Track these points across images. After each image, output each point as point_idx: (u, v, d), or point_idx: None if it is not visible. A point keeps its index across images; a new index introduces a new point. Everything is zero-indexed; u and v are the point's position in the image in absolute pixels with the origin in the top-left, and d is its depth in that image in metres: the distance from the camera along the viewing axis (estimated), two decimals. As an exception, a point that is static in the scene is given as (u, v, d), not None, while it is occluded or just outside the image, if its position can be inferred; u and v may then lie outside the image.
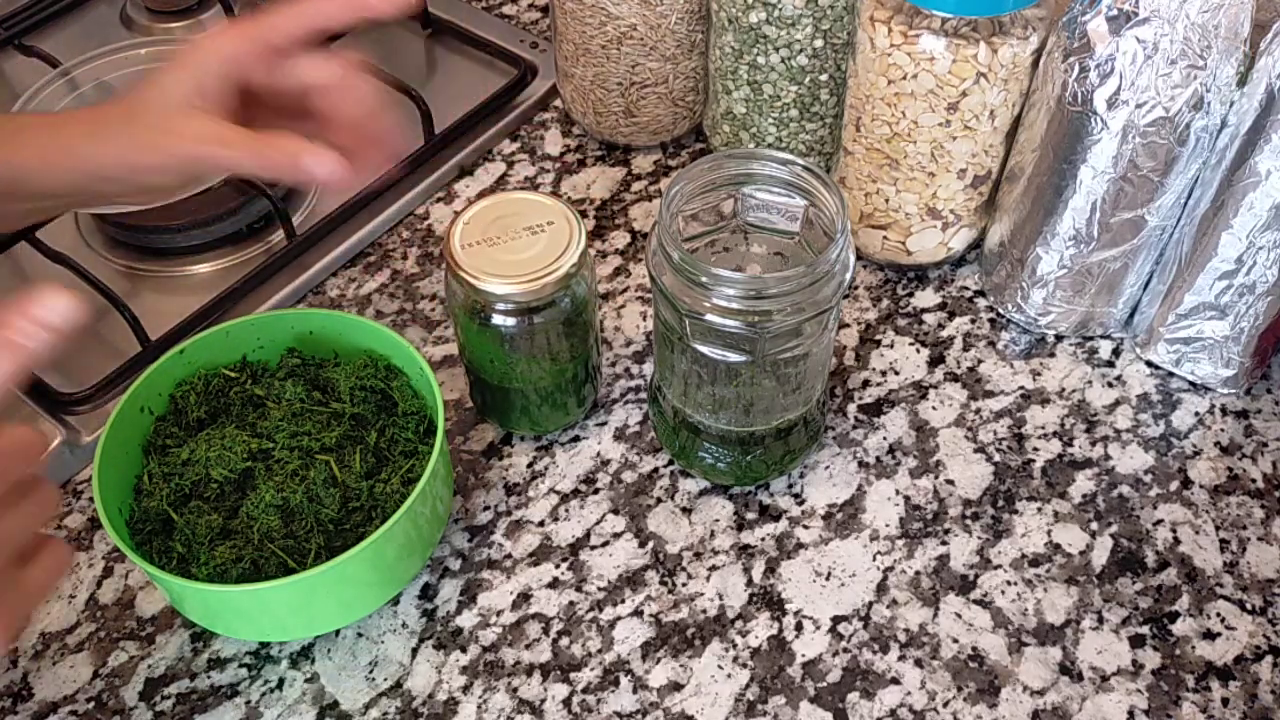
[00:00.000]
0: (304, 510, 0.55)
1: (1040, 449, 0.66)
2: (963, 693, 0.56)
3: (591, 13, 0.74)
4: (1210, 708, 0.56)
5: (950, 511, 0.63)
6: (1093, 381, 0.69)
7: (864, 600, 0.60)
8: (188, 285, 0.74)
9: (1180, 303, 0.65)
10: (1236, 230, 0.60)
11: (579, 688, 0.57)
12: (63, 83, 0.79)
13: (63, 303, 0.39)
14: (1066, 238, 0.65)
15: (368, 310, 0.73)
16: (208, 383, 0.60)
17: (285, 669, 0.58)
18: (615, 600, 0.60)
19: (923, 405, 0.68)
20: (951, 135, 0.65)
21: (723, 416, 0.60)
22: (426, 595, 0.60)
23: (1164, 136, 0.58)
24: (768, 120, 0.74)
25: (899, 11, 0.62)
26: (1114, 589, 0.60)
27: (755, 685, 0.57)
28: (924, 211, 0.70)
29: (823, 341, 0.58)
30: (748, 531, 0.62)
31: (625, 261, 0.76)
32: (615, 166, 0.82)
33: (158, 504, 0.56)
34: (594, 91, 0.79)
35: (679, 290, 0.54)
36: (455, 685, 0.57)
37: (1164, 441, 0.66)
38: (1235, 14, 0.56)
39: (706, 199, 0.58)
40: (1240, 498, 0.64)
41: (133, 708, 0.57)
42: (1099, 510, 0.63)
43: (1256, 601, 0.60)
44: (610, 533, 0.63)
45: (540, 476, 0.65)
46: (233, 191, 0.75)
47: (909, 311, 0.73)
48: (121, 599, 0.61)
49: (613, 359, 0.70)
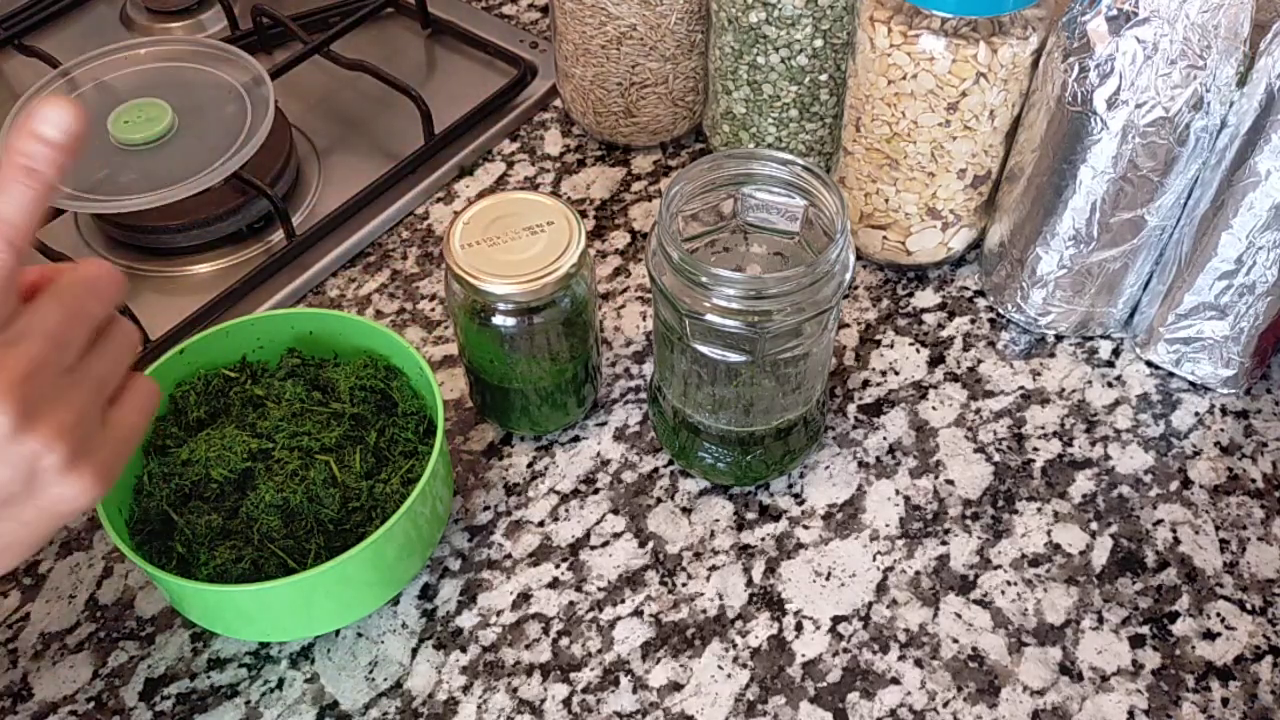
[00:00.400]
0: (304, 510, 0.55)
1: (1040, 449, 0.66)
2: (963, 693, 0.56)
3: (591, 13, 0.74)
4: (1210, 708, 0.56)
5: (950, 511, 0.63)
6: (1093, 381, 0.69)
7: (864, 600, 0.60)
8: (188, 285, 0.74)
9: (1180, 303, 0.65)
10: (1236, 230, 0.60)
11: (579, 688, 0.57)
12: (63, 83, 0.79)
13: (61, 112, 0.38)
14: (1066, 238, 0.65)
15: (368, 310, 0.73)
16: (208, 383, 0.60)
17: (285, 669, 0.58)
18: (615, 600, 0.60)
19: (923, 405, 0.68)
20: (951, 135, 0.65)
21: (723, 416, 0.60)
22: (426, 595, 0.60)
23: (1164, 136, 0.58)
24: (768, 120, 0.74)
25: (899, 11, 0.62)
26: (1114, 589, 0.60)
27: (755, 685, 0.57)
28: (924, 211, 0.70)
29: (823, 341, 0.58)
30: (748, 531, 0.62)
31: (625, 261, 0.76)
32: (615, 166, 0.82)
33: (158, 504, 0.56)
34: (594, 91, 0.79)
35: (679, 290, 0.54)
36: (455, 685, 0.57)
37: (1164, 441, 0.66)
38: (1235, 14, 0.56)
39: (706, 199, 0.58)
40: (1240, 498, 0.64)
41: (132, 708, 0.57)
42: (1099, 510, 0.63)
43: (1256, 601, 0.60)
44: (610, 533, 0.63)
45: (540, 476, 0.65)
46: (233, 191, 0.75)
47: (909, 311, 0.73)
48: (121, 599, 0.61)
49: (613, 359, 0.70)
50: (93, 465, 0.40)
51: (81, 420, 0.40)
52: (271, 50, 0.90)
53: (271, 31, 0.89)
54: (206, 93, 0.78)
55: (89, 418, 0.40)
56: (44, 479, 0.39)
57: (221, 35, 0.90)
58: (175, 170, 0.72)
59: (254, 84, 0.78)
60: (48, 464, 0.39)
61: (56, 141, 0.38)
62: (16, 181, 0.38)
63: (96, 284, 0.41)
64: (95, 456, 0.40)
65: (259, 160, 0.74)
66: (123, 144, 0.74)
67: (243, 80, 0.78)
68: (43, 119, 0.38)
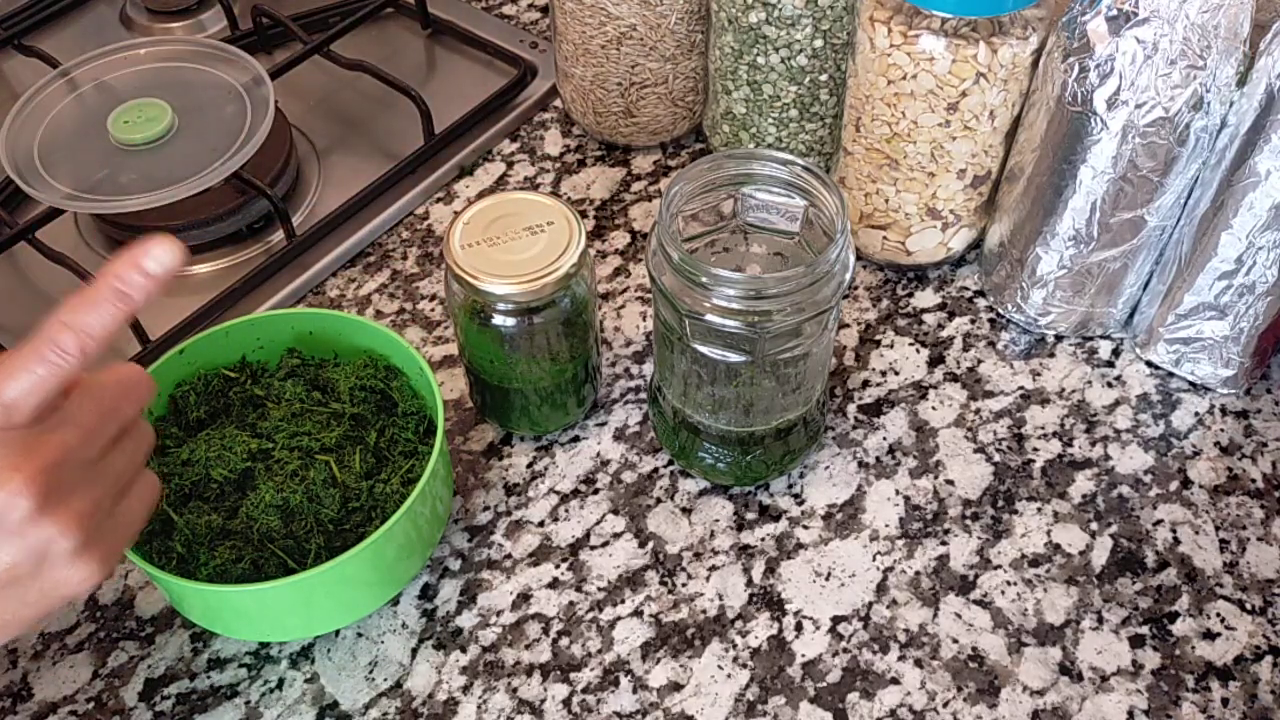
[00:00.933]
0: (304, 510, 0.55)
1: (1040, 449, 0.66)
2: (963, 693, 0.56)
3: (591, 13, 0.74)
4: (1210, 708, 0.56)
5: (950, 512, 0.63)
6: (1092, 382, 0.69)
7: (864, 600, 0.60)
8: (188, 285, 0.74)
9: (1180, 303, 0.65)
10: (1236, 230, 0.60)
11: (579, 688, 0.57)
12: (63, 83, 0.79)
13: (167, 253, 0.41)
14: (1066, 238, 0.65)
15: (368, 310, 0.73)
16: (207, 383, 0.60)
17: (285, 669, 0.58)
18: (615, 600, 0.60)
19: (922, 405, 0.68)
20: (951, 135, 0.65)
21: (722, 417, 0.60)
22: (426, 595, 0.60)
23: (1164, 136, 0.58)
24: (768, 120, 0.74)
25: (899, 11, 0.62)
26: (1114, 589, 0.60)
27: (755, 685, 0.57)
28: (924, 211, 0.70)
29: (823, 341, 0.58)
30: (748, 532, 0.62)
31: (625, 261, 0.76)
32: (615, 167, 0.82)
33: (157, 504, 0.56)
34: (594, 91, 0.79)
35: (679, 290, 0.54)
36: (455, 685, 0.57)
37: (1164, 441, 0.66)
38: (1235, 14, 0.56)
39: (706, 199, 0.58)
40: (1240, 498, 0.64)
41: (132, 708, 0.57)
42: (1099, 510, 0.63)
43: (1256, 601, 0.60)
44: (610, 533, 0.63)
45: (540, 477, 0.65)
46: (233, 191, 0.75)
47: (909, 312, 0.73)
48: (121, 599, 0.61)
49: (613, 359, 0.70)
50: (99, 553, 0.42)
51: (96, 510, 0.42)
52: (271, 50, 0.90)
53: (271, 31, 0.89)
54: (206, 93, 0.78)
55: (102, 509, 0.43)
56: (53, 562, 0.41)
57: (221, 35, 0.90)
58: (175, 170, 0.72)
59: (254, 84, 0.78)
60: (59, 549, 0.41)
61: (156, 276, 0.42)
62: (108, 302, 0.41)
63: (131, 387, 0.44)
64: (102, 545, 0.43)
65: (259, 160, 0.74)
66: (123, 144, 0.74)
67: (243, 80, 0.78)
68: (149, 254, 0.41)
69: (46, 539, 0.40)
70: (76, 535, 0.41)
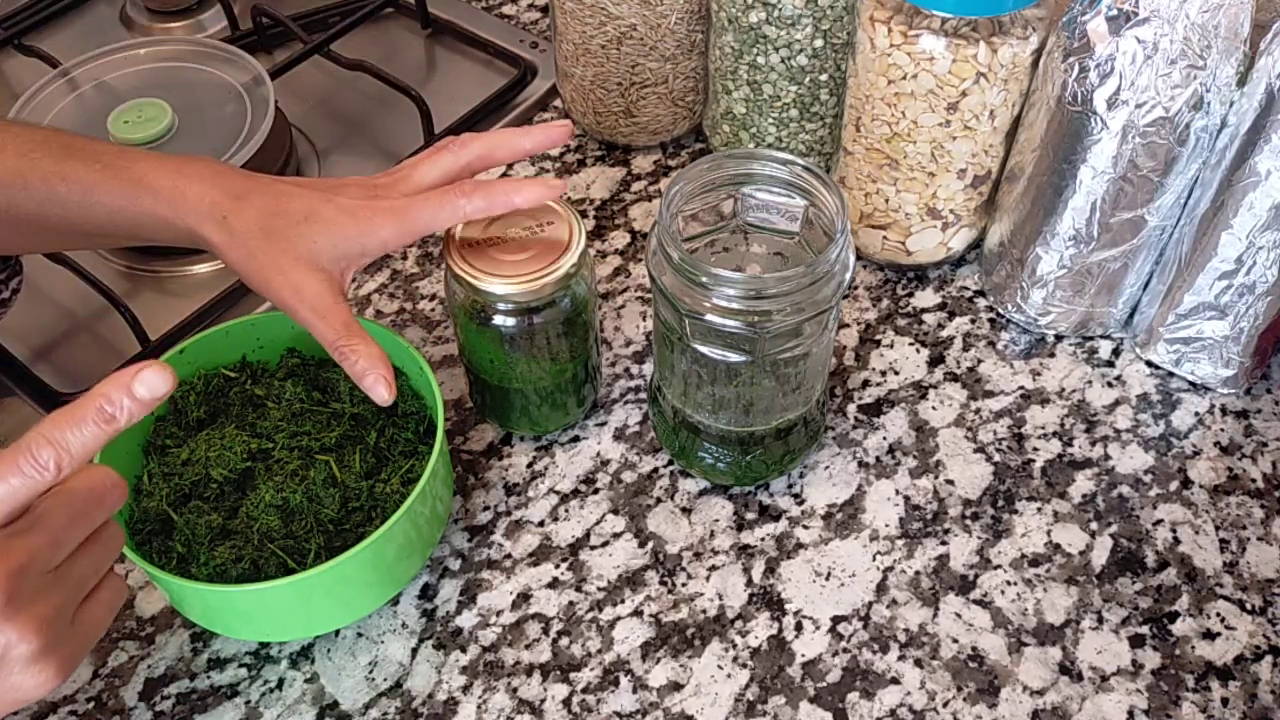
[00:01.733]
0: (304, 510, 0.55)
1: (1040, 449, 0.66)
2: (963, 693, 0.56)
3: (591, 13, 0.74)
4: (1210, 708, 0.56)
5: (950, 511, 0.63)
6: (1092, 381, 0.69)
7: (864, 600, 0.60)
8: (188, 285, 0.74)
9: (1180, 303, 0.65)
10: (1236, 230, 0.60)
11: (579, 688, 0.57)
12: (63, 83, 0.79)
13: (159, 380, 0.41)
14: (1066, 238, 0.65)
15: (368, 310, 0.73)
16: (207, 383, 0.60)
17: (285, 669, 0.58)
18: (615, 600, 0.60)
19: (922, 405, 0.68)
20: (951, 135, 0.65)
21: (723, 416, 0.60)
22: (426, 595, 0.60)
23: (1164, 136, 0.58)
24: (768, 120, 0.74)
25: (899, 11, 0.62)
26: (1114, 589, 0.60)
27: (755, 685, 0.57)
28: (924, 211, 0.70)
29: (823, 341, 0.58)
30: (747, 531, 0.62)
31: (625, 261, 0.76)
32: (615, 166, 0.82)
33: (157, 504, 0.56)
34: (594, 91, 0.79)
35: (679, 290, 0.54)
36: (455, 685, 0.57)
37: (1164, 441, 0.66)
38: (1235, 14, 0.56)
39: (706, 199, 0.58)
40: (1240, 498, 0.64)
41: (133, 708, 0.57)
42: (1099, 510, 0.63)
43: (1256, 601, 0.60)
44: (610, 533, 0.63)
45: (540, 476, 0.65)
46: (233, 191, 0.75)
47: (909, 311, 0.73)
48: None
49: (613, 359, 0.70)
50: (58, 659, 0.42)
51: (58, 616, 0.41)
52: (271, 50, 0.90)
53: (271, 31, 0.90)
54: (206, 93, 0.78)
55: (64, 614, 0.42)
56: (11, 666, 0.40)
57: (221, 35, 0.90)
58: (175, 170, 0.72)
59: (254, 84, 0.78)
60: (18, 654, 0.40)
61: (144, 401, 0.41)
62: (92, 421, 0.41)
63: (104, 494, 0.43)
64: (62, 650, 0.42)
65: (259, 160, 0.74)
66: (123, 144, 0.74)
67: (243, 80, 0.78)
68: (141, 380, 0.41)
69: (5, 643, 0.40)
70: (36, 640, 0.40)
